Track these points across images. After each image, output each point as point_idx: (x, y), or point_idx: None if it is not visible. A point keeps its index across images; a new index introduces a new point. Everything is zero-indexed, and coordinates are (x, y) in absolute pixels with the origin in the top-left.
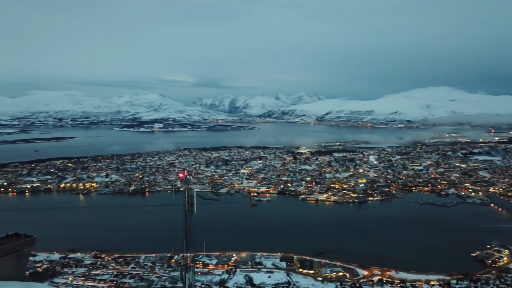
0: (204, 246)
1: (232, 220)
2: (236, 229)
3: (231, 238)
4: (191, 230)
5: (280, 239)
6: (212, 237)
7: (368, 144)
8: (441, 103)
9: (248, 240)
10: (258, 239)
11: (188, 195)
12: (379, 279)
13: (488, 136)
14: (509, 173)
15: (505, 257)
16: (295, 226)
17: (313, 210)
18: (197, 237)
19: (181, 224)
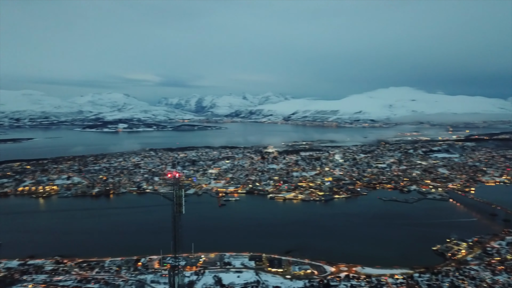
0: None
1: (200, 221)
2: (204, 230)
3: (200, 239)
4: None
5: (248, 238)
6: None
7: (333, 143)
8: (403, 102)
9: (217, 240)
10: (227, 239)
11: (177, 195)
12: (346, 275)
13: (447, 134)
14: (466, 170)
15: (463, 250)
16: (263, 225)
17: (281, 208)
18: (165, 239)
19: (150, 226)
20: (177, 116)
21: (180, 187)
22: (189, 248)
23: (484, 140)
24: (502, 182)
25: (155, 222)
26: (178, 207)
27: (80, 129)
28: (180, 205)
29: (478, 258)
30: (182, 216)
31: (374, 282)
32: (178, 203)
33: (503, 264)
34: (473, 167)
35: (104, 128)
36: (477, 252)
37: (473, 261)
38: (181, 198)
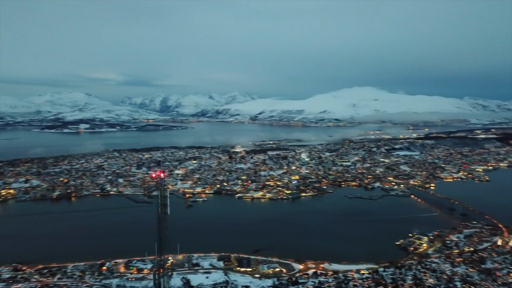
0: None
1: (167, 223)
2: (171, 232)
3: (166, 241)
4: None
5: (217, 239)
6: (146, 241)
7: (300, 142)
8: (366, 102)
9: (184, 241)
10: (195, 240)
11: (161, 195)
12: (313, 272)
13: (408, 132)
14: (426, 167)
15: (424, 244)
16: (232, 225)
17: (249, 208)
18: (131, 242)
19: (115, 229)
20: (142, 116)
21: (165, 187)
22: (174, 249)
23: (442, 138)
24: (459, 178)
25: (121, 225)
26: (163, 208)
27: (39, 130)
28: (165, 206)
29: (439, 251)
30: (148, 217)
31: (341, 278)
32: (163, 204)
33: (461, 256)
34: (433, 164)
35: (64, 129)
36: (438, 245)
37: (434, 254)
38: (166, 199)
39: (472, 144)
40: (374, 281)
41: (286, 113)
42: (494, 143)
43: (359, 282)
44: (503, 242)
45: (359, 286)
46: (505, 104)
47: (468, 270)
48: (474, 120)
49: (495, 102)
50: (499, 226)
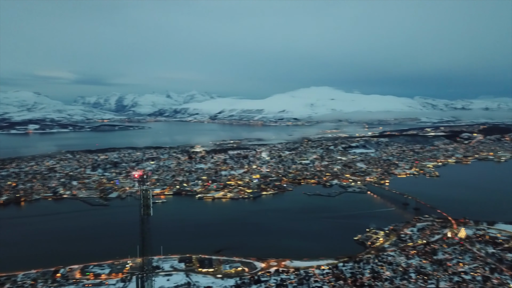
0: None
1: (125, 226)
2: (129, 235)
3: (124, 244)
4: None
5: (177, 240)
6: (103, 245)
7: (260, 141)
8: (323, 101)
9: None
10: (154, 242)
11: (144, 196)
12: (275, 270)
13: (363, 131)
14: (381, 164)
15: (381, 238)
16: (192, 225)
17: (210, 208)
18: (87, 246)
19: (69, 234)
20: (96, 115)
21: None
22: (114, 254)
23: (395, 136)
24: (412, 174)
25: (75, 229)
26: (146, 209)
27: None
28: (148, 207)
29: (394, 245)
30: (105, 220)
31: (302, 275)
32: (145, 205)
33: (415, 249)
34: (387, 161)
35: (11, 130)
36: (393, 239)
37: (390, 247)
38: (149, 200)
39: (423, 141)
40: (334, 276)
41: (246, 112)
42: (443, 140)
43: (320, 278)
44: (453, 234)
45: (320, 281)
46: (452, 103)
47: (422, 261)
48: (424, 118)
49: (443, 101)
50: (448, 219)
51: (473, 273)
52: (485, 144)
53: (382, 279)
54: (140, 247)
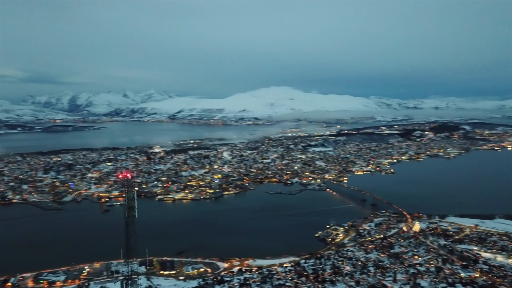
0: (121, 254)
1: (81, 230)
2: (86, 239)
3: (81, 249)
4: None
5: (137, 243)
6: (57, 251)
7: (221, 141)
8: (283, 101)
9: (101, 249)
10: (113, 246)
11: (128, 198)
12: (238, 269)
13: (322, 130)
14: (339, 161)
15: (341, 234)
16: (152, 228)
17: (171, 209)
18: (40, 253)
19: (18, 240)
20: (47, 116)
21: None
22: (70, 259)
23: (352, 135)
24: (369, 171)
25: (27, 235)
26: (130, 211)
27: None
28: (132, 209)
29: (353, 240)
30: (59, 225)
31: (265, 273)
32: (130, 207)
33: (373, 243)
34: (345, 159)
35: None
36: (352, 234)
37: (350, 243)
38: (133, 201)
39: (379, 139)
40: (297, 273)
41: (206, 111)
42: (397, 138)
43: (282, 275)
44: (408, 228)
45: (282, 279)
46: (404, 103)
47: (380, 255)
48: (379, 117)
49: (396, 100)
50: (404, 214)
51: (427, 265)
52: (435, 142)
53: (342, 274)
54: (124, 250)
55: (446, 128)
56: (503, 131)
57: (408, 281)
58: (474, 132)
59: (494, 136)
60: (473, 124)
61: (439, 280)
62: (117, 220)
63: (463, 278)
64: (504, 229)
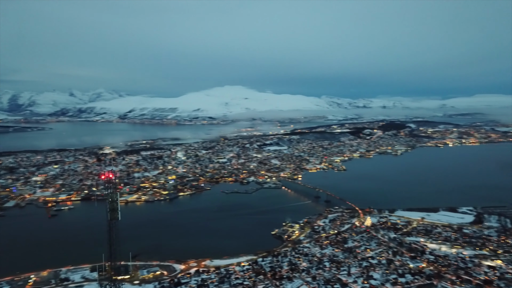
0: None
1: (26, 236)
2: (31, 246)
3: (27, 257)
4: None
5: (88, 248)
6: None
7: (175, 141)
8: (237, 100)
9: (49, 255)
10: (62, 252)
11: (111, 199)
12: (196, 271)
13: (276, 129)
14: (293, 160)
15: (296, 231)
16: (104, 232)
17: (124, 212)
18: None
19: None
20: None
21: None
22: (14, 268)
23: (306, 133)
24: (322, 169)
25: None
26: (113, 213)
27: None
28: (115, 211)
29: (309, 237)
30: (2, 233)
31: (223, 273)
32: (112, 209)
33: (328, 239)
34: (299, 157)
35: None
36: (308, 231)
37: (305, 239)
38: (116, 203)
39: (331, 138)
40: (255, 271)
41: (158, 111)
42: (348, 136)
43: (240, 275)
44: (360, 223)
45: (240, 278)
46: (354, 102)
47: (334, 250)
48: (331, 116)
49: (347, 100)
50: (356, 209)
51: (378, 257)
52: (384, 139)
53: (299, 270)
54: (107, 253)
55: (393, 126)
56: (444, 128)
57: (361, 274)
58: (419, 130)
59: (437, 133)
60: (417, 122)
61: (390, 272)
62: (66, 225)
63: (412, 268)
64: (448, 220)
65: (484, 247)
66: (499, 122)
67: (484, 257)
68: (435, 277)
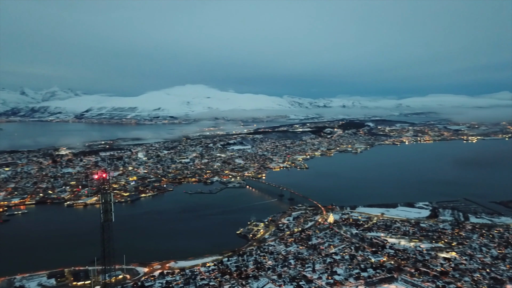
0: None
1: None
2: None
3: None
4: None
5: (45, 254)
6: None
7: (135, 141)
8: (199, 100)
9: (1, 263)
10: (15, 259)
11: (105, 200)
12: (160, 273)
13: (239, 128)
14: (257, 159)
15: (261, 230)
16: (62, 236)
17: (82, 216)
18: None
19: None
20: None
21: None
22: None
23: (269, 132)
24: (285, 167)
25: None
26: (107, 215)
27: None
28: (109, 212)
29: (274, 235)
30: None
31: (188, 274)
32: (106, 210)
33: (292, 236)
34: (263, 156)
35: None
36: (272, 229)
37: (270, 238)
38: (110, 204)
39: (293, 137)
40: (220, 271)
41: (117, 110)
42: (310, 135)
43: (206, 275)
44: (323, 220)
45: (206, 279)
46: (315, 102)
47: (299, 248)
48: (293, 116)
49: (308, 100)
50: (319, 206)
51: (342, 253)
52: (344, 138)
53: (265, 269)
54: (101, 256)
55: (353, 125)
56: (401, 127)
57: (326, 270)
58: (377, 129)
59: (394, 132)
60: (376, 121)
61: (353, 267)
62: (19, 230)
63: (374, 263)
64: (406, 215)
65: (439, 240)
66: (451, 120)
67: (440, 250)
68: (395, 270)
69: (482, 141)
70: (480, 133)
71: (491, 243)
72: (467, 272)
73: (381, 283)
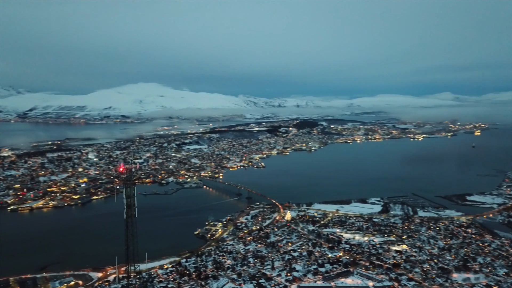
0: None
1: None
2: None
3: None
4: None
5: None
6: None
7: (86, 142)
8: (152, 98)
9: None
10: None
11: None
12: (115, 277)
13: (195, 127)
14: (214, 158)
15: (219, 229)
16: (5, 243)
17: (28, 221)
18: None
19: None
20: None
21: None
22: None
23: (225, 132)
24: (242, 166)
25: None
26: (130, 210)
27: None
28: (132, 207)
29: (232, 234)
30: None
31: (145, 277)
32: (129, 205)
33: (251, 235)
34: (219, 156)
35: None
36: (231, 228)
37: (229, 237)
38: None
39: (249, 136)
40: (179, 273)
41: (64, 109)
42: (266, 134)
43: (164, 278)
44: (280, 217)
45: (164, 281)
46: (270, 101)
47: (258, 246)
48: (248, 115)
49: (263, 99)
50: (276, 204)
51: (300, 250)
52: (299, 137)
53: (224, 268)
54: (125, 253)
55: (307, 124)
56: (352, 126)
57: (284, 267)
58: (330, 128)
59: (346, 130)
60: (328, 120)
61: (311, 263)
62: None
63: (330, 258)
64: (359, 211)
65: (391, 234)
66: (399, 119)
67: (392, 243)
68: (351, 265)
69: (427, 139)
70: (425, 132)
71: (438, 235)
72: (417, 263)
73: (338, 278)
